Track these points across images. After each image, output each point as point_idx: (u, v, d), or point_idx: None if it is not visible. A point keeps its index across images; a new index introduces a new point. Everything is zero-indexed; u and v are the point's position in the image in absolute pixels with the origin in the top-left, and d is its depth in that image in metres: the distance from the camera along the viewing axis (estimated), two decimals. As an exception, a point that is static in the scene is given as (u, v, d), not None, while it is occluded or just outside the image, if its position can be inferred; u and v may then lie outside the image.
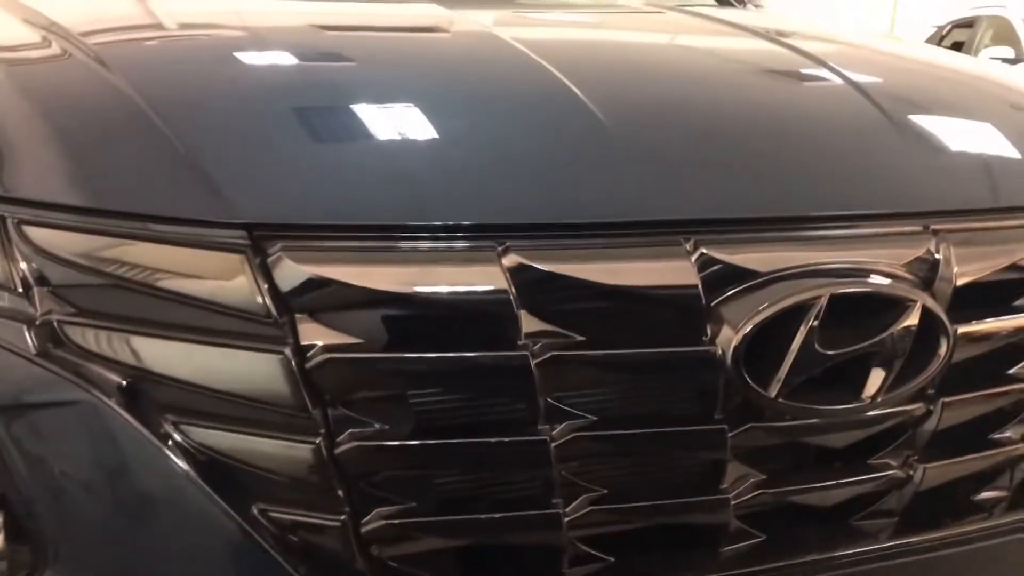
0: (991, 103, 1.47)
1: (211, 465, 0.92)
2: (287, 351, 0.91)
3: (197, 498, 0.93)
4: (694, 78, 1.37)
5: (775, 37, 1.63)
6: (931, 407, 1.12)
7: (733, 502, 1.04)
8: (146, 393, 0.93)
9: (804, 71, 1.43)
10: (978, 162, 1.26)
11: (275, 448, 0.93)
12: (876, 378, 1.06)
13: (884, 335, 1.04)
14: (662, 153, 1.10)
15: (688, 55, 1.58)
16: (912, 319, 1.05)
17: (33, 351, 0.94)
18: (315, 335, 0.91)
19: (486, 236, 0.96)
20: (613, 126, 1.10)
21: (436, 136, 1.07)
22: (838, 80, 1.35)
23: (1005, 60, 8.49)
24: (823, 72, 1.39)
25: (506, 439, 0.97)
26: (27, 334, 0.94)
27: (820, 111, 1.29)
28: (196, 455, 0.92)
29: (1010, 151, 1.30)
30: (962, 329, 1.10)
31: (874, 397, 1.06)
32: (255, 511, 0.93)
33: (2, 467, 0.95)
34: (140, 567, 0.95)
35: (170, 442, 0.92)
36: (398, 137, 1.06)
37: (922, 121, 1.30)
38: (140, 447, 0.93)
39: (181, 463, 0.92)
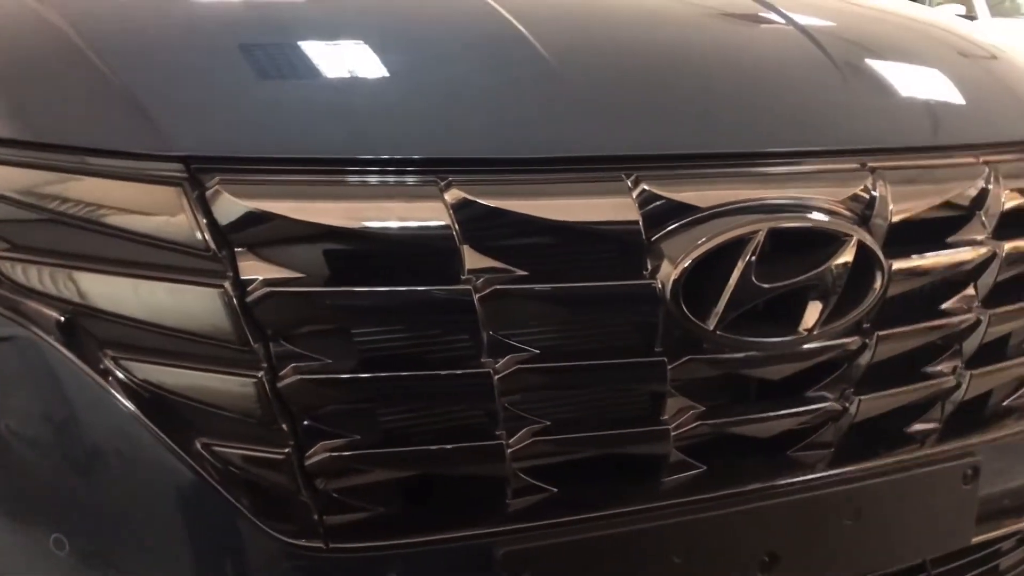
0: (935, 49, 1.49)
1: (153, 401, 0.92)
2: (227, 285, 0.91)
3: (139, 434, 0.92)
4: (639, 19, 1.37)
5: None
6: (866, 340, 1.15)
7: (673, 433, 1.07)
8: (85, 329, 0.92)
9: (749, 12, 1.43)
10: (916, 103, 1.28)
11: (217, 383, 0.93)
12: (813, 311, 1.08)
13: (821, 269, 1.06)
14: (605, 90, 1.10)
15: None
16: (848, 254, 1.08)
17: (-34, 287, 0.92)
18: (255, 269, 0.91)
19: (428, 171, 0.96)
20: (557, 63, 1.10)
21: (378, 70, 1.05)
22: (782, 22, 1.36)
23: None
24: (768, 14, 1.40)
25: (449, 372, 0.98)
26: (-41, 270, 0.93)
27: (762, 51, 1.30)
28: (137, 391, 0.92)
29: (948, 94, 1.32)
30: (897, 264, 1.13)
31: (811, 330, 1.08)
32: (198, 446, 0.93)
33: (-61, 405, 0.94)
34: (81, 504, 0.94)
35: (110, 378, 0.92)
36: (338, 70, 1.05)
37: (863, 63, 1.31)
38: (80, 384, 0.92)
39: (122, 399, 0.92)
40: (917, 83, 1.32)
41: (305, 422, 0.94)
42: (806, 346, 1.10)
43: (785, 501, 1.14)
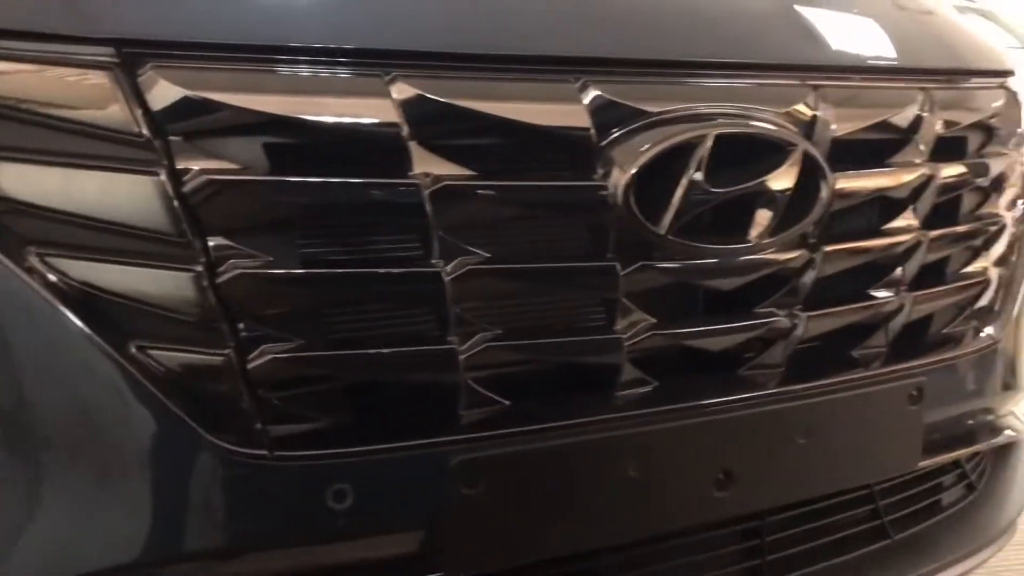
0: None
1: (83, 300, 0.87)
2: (162, 174, 0.86)
3: (70, 337, 0.87)
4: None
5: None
6: (813, 255, 1.15)
7: (626, 344, 1.05)
8: (9, 225, 0.86)
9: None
10: (856, 33, 1.30)
11: (152, 279, 0.87)
12: (762, 219, 1.08)
13: (770, 175, 1.07)
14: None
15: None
16: (795, 162, 1.09)
17: None
18: (191, 158, 0.87)
19: (372, 63, 0.93)
20: None
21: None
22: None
23: None
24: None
25: (398, 271, 0.95)
26: None
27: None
28: (67, 290, 0.86)
29: (886, 29, 1.34)
30: (840, 178, 1.14)
31: (760, 237, 1.08)
32: (133, 349, 0.88)
33: None
34: (11, 414, 0.88)
35: (38, 277, 0.86)
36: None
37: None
38: (5, 282, 0.86)
39: (51, 298, 0.86)
40: (857, 19, 1.34)
41: (246, 324, 0.90)
42: (755, 256, 1.10)
43: (737, 417, 1.13)
